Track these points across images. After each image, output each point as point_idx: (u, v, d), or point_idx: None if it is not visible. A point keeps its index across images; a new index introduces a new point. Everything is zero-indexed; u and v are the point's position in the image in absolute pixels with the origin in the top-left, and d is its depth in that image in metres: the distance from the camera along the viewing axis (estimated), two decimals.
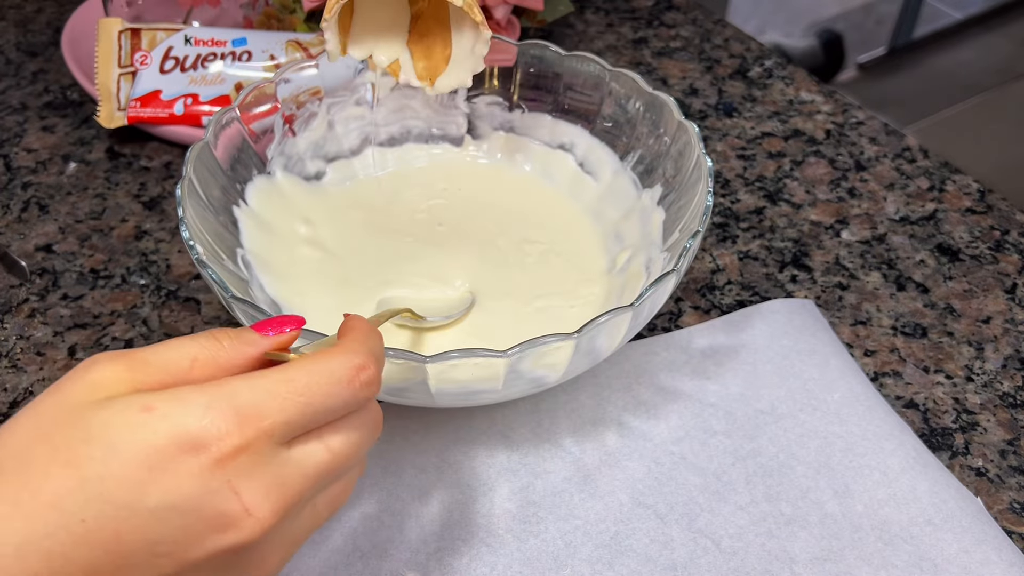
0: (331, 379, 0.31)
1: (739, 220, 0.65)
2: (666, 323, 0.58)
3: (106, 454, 0.28)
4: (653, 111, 0.55)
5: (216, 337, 0.32)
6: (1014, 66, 2.14)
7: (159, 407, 0.28)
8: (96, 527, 0.28)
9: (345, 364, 0.31)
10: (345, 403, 0.31)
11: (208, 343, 0.31)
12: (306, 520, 0.32)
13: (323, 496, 0.33)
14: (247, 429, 0.29)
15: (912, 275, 0.61)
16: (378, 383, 0.32)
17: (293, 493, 0.30)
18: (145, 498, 0.28)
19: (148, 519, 0.28)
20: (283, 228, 0.56)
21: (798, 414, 0.52)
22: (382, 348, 0.35)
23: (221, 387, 0.29)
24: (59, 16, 0.84)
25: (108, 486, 0.28)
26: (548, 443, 0.50)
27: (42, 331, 0.57)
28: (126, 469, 0.28)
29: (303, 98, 0.58)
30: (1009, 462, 0.51)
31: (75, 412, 0.29)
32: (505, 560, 0.45)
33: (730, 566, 0.45)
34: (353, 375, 0.31)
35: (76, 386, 0.29)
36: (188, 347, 0.31)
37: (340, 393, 0.31)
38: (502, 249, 0.57)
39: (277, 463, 0.30)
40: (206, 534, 0.29)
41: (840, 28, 2.12)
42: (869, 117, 0.74)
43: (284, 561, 0.32)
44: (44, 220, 0.64)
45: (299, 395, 0.30)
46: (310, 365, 0.31)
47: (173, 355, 0.31)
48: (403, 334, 0.51)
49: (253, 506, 0.29)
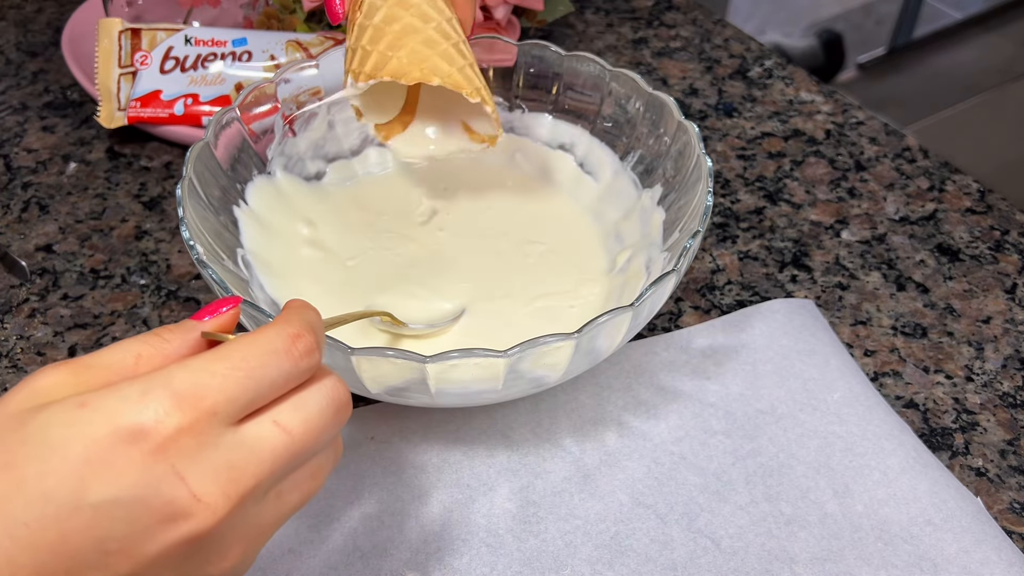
0: (267, 350, 0.30)
1: (739, 220, 0.65)
2: (666, 323, 0.58)
3: (43, 452, 0.27)
4: (653, 111, 0.56)
5: (158, 333, 0.31)
6: (1014, 66, 2.14)
7: (93, 401, 0.28)
8: (39, 529, 0.27)
9: (280, 334, 0.31)
10: (287, 374, 0.30)
11: (151, 339, 0.31)
12: (270, 507, 0.31)
13: (289, 482, 0.31)
14: (187, 410, 0.28)
15: (912, 275, 0.61)
16: (319, 351, 0.32)
17: (247, 476, 0.29)
18: (87, 494, 0.27)
19: (92, 516, 0.27)
20: (283, 228, 0.56)
21: (798, 414, 0.52)
22: (319, 320, 0.33)
23: (156, 374, 0.29)
24: (59, 16, 0.84)
25: (48, 485, 0.27)
26: (548, 443, 0.50)
27: (42, 331, 0.57)
28: (65, 466, 0.27)
29: (303, 98, 0.58)
30: (1009, 462, 0.51)
31: (14, 418, 0.28)
32: (505, 560, 0.45)
33: (730, 566, 0.45)
34: (289, 344, 0.30)
35: (18, 395, 0.29)
36: (131, 346, 0.31)
37: (279, 363, 0.30)
38: (502, 249, 0.57)
39: (225, 445, 0.29)
40: (156, 526, 0.28)
41: (840, 28, 2.12)
42: (869, 117, 0.74)
43: (250, 553, 0.31)
44: (44, 220, 0.65)
45: (236, 369, 0.29)
46: (244, 340, 0.30)
47: (116, 355, 0.30)
48: (381, 339, 0.51)
49: (202, 492, 0.28)
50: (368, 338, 0.51)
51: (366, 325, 0.51)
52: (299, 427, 0.30)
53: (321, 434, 0.31)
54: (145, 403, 0.28)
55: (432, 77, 0.47)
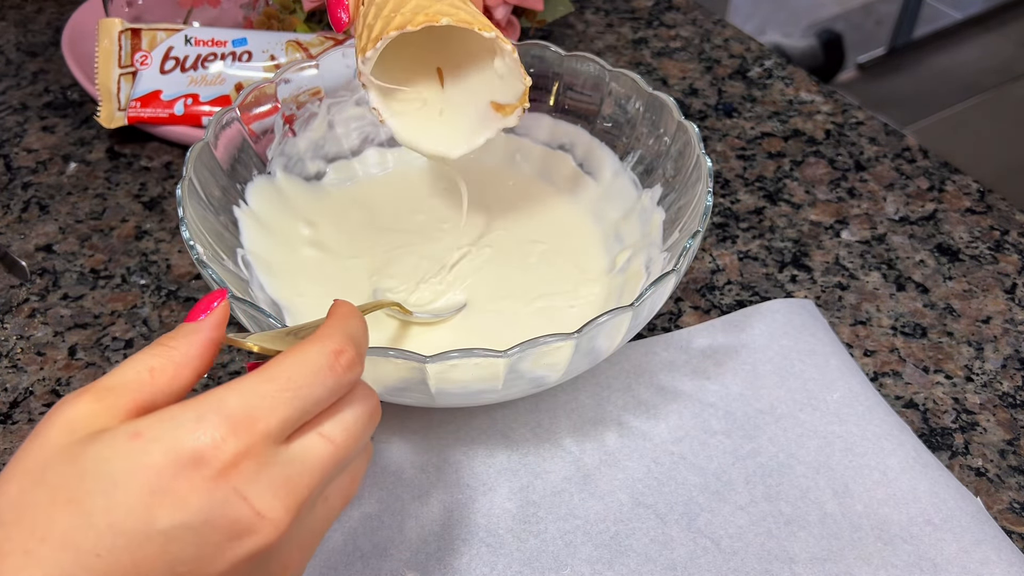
0: (312, 368, 0.31)
1: (739, 220, 0.65)
2: (666, 323, 0.58)
3: (107, 487, 0.28)
4: (653, 111, 0.56)
5: (162, 343, 0.32)
6: (1014, 66, 2.14)
7: (147, 431, 0.28)
8: (113, 559, 0.27)
9: (323, 351, 0.31)
10: (331, 390, 0.31)
11: (157, 349, 0.32)
12: (320, 514, 0.32)
13: (333, 487, 0.33)
14: (242, 434, 0.29)
15: (912, 275, 0.61)
16: (360, 364, 0.33)
17: (302, 488, 0.30)
18: (155, 522, 0.28)
19: (163, 542, 0.28)
20: (283, 228, 0.56)
21: (798, 414, 0.52)
22: (362, 330, 0.34)
23: (207, 399, 0.29)
24: (59, 16, 0.84)
25: (116, 517, 0.27)
26: (548, 443, 0.50)
27: (42, 331, 0.57)
28: (130, 497, 0.28)
29: (303, 98, 0.58)
30: (1009, 462, 0.51)
31: (63, 453, 0.29)
32: (505, 560, 0.45)
33: (730, 566, 0.45)
34: (333, 360, 0.31)
35: (54, 430, 0.29)
36: (141, 360, 0.31)
37: (324, 381, 0.31)
38: (502, 249, 0.57)
39: (280, 462, 0.30)
40: (224, 545, 0.29)
41: (840, 28, 2.12)
42: (869, 117, 0.74)
43: (306, 559, 0.32)
44: (44, 220, 0.65)
45: (284, 390, 0.30)
46: (289, 359, 0.31)
47: (130, 372, 0.31)
48: (391, 326, 0.52)
49: (265, 508, 0.29)
50: (378, 323, 0.52)
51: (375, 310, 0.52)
52: (341, 436, 0.32)
53: (359, 441, 0.33)
54: (202, 429, 0.29)
55: (438, 17, 0.45)
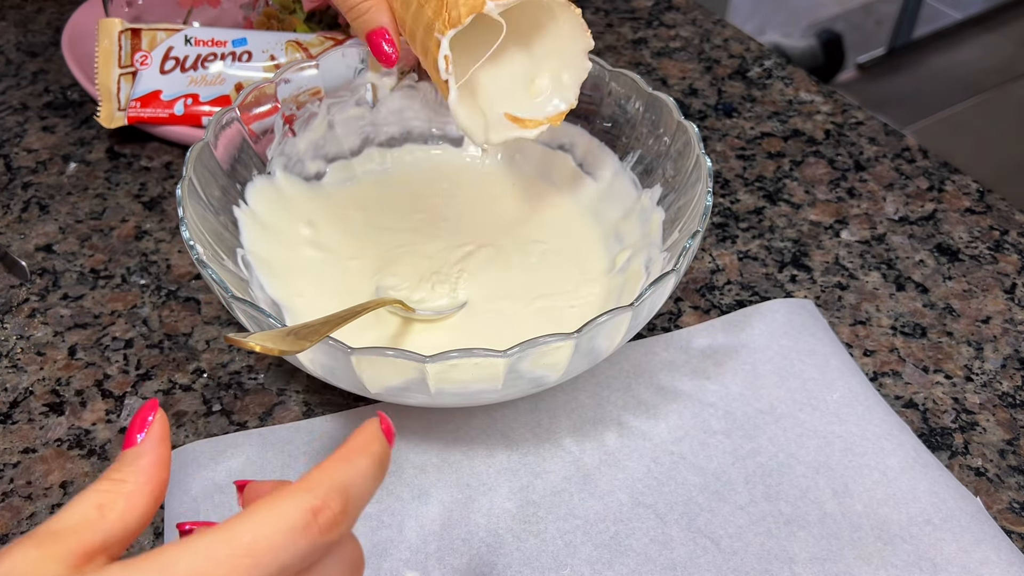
0: (282, 528, 0.27)
1: (739, 220, 0.65)
2: (666, 323, 0.58)
3: None
4: (653, 111, 0.56)
5: (107, 476, 0.30)
6: (1014, 66, 2.14)
7: None
8: None
9: (297, 508, 0.27)
10: (303, 554, 0.27)
11: (104, 484, 0.29)
12: None
13: None
14: None
15: (911, 275, 0.61)
16: (346, 521, 0.28)
17: None
18: None
19: None
20: (283, 228, 0.56)
21: (797, 414, 0.52)
22: (359, 474, 0.29)
23: (156, 558, 0.26)
24: (59, 16, 0.84)
25: None
26: (548, 443, 0.50)
27: (42, 331, 0.57)
28: None
29: (303, 98, 0.58)
30: (1008, 462, 0.51)
31: None
32: (505, 560, 0.45)
33: (729, 566, 0.45)
34: (309, 519, 0.27)
35: None
36: (89, 498, 0.29)
37: (295, 544, 0.27)
38: (502, 249, 0.57)
39: None
40: None
41: (840, 28, 2.12)
42: (868, 117, 0.74)
43: None
44: (44, 220, 0.65)
45: (244, 556, 0.26)
46: (258, 515, 0.27)
47: (76, 514, 0.28)
48: (393, 323, 0.52)
49: None
50: (379, 320, 0.52)
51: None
52: None
53: None
54: None
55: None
